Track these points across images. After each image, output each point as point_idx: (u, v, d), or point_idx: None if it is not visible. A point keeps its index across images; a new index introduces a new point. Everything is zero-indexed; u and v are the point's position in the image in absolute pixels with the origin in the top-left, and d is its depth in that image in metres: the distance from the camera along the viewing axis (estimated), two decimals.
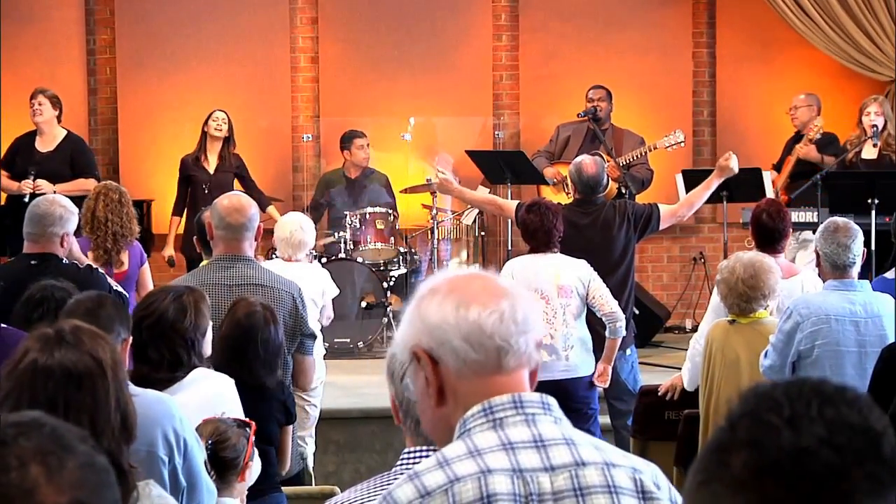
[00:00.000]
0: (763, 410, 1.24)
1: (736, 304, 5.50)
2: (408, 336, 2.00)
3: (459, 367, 1.96)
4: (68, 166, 8.79)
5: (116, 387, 2.61)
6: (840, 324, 5.20)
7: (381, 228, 9.50)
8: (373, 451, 7.36)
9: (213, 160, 9.24)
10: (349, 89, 10.67)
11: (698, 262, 10.72)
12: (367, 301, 9.30)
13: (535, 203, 6.69)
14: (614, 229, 7.11)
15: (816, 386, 1.26)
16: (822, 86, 10.62)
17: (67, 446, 1.35)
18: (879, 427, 1.23)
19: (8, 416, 1.40)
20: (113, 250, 6.71)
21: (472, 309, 1.96)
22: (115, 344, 2.69)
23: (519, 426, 1.95)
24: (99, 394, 2.57)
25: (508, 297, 1.98)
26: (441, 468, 1.92)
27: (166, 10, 10.53)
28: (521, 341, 1.97)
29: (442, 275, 2.06)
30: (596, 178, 7.16)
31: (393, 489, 1.94)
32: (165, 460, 3.36)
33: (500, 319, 1.96)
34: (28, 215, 5.67)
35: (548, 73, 10.70)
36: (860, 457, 1.20)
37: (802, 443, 1.20)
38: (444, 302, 1.97)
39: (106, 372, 2.59)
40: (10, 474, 1.31)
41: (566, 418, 2.01)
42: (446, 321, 1.96)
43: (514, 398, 1.97)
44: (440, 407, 1.99)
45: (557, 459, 1.94)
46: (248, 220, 5.06)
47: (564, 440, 1.97)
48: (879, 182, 8.13)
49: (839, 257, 5.34)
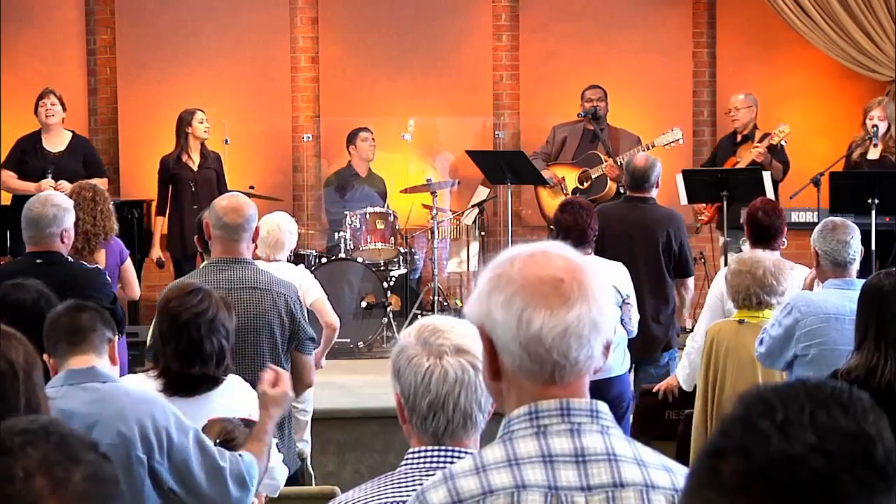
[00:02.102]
0: (756, 415, 1.23)
1: (755, 295, 5.51)
2: (476, 311, 1.96)
3: (514, 369, 1.94)
4: (82, 165, 8.85)
5: (28, 387, 2.61)
6: (839, 322, 5.20)
7: (381, 228, 9.50)
8: (373, 451, 7.36)
9: (196, 158, 9.25)
10: (349, 89, 10.67)
11: (698, 262, 10.71)
12: (367, 301, 9.30)
13: (568, 202, 6.70)
14: (657, 232, 7.19)
15: (812, 389, 1.25)
16: (822, 86, 10.63)
17: (74, 457, 1.34)
18: (873, 432, 1.22)
19: (18, 421, 1.38)
20: (84, 250, 6.62)
21: (537, 318, 1.89)
22: (31, 346, 2.69)
23: (562, 436, 1.91)
24: (8, 394, 2.58)
25: (583, 301, 1.90)
26: (477, 474, 1.89)
27: (166, 11, 10.53)
28: (582, 354, 1.91)
29: (522, 253, 1.96)
30: (643, 171, 7.29)
31: (427, 488, 1.92)
32: (143, 459, 3.35)
33: (564, 334, 1.89)
34: (23, 220, 5.64)
35: (548, 73, 10.69)
36: (850, 463, 1.19)
37: (791, 450, 1.20)
38: (512, 302, 1.91)
39: (17, 372, 2.60)
40: (16, 485, 1.30)
41: (615, 425, 1.96)
42: (509, 326, 1.91)
43: (562, 405, 1.92)
44: (495, 381, 1.98)
45: (596, 479, 1.90)
46: (246, 220, 5.02)
47: (607, 456, 1.92)
48: (880, 182, 8.13)
49: (839, 254, 5.33)
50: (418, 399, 2.39)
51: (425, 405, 2.39)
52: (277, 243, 6.41)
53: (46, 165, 8.72)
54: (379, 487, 2.37)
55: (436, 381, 2.38)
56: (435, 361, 2.39)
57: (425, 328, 2.44)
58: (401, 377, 2.42)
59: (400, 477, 2.38)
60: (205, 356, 3.99)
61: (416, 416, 2.41)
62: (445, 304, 9.58)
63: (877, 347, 4.12)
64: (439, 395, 2.38)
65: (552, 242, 1.99)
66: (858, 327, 4.22)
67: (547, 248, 1.96)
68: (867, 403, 1.24)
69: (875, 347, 4.12)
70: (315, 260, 9.35)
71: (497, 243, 10.55)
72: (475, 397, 2.40)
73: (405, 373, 2.41)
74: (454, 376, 2.39)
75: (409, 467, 2.39)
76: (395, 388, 2.44)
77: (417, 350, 2.41)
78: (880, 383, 4.06)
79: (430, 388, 2.38)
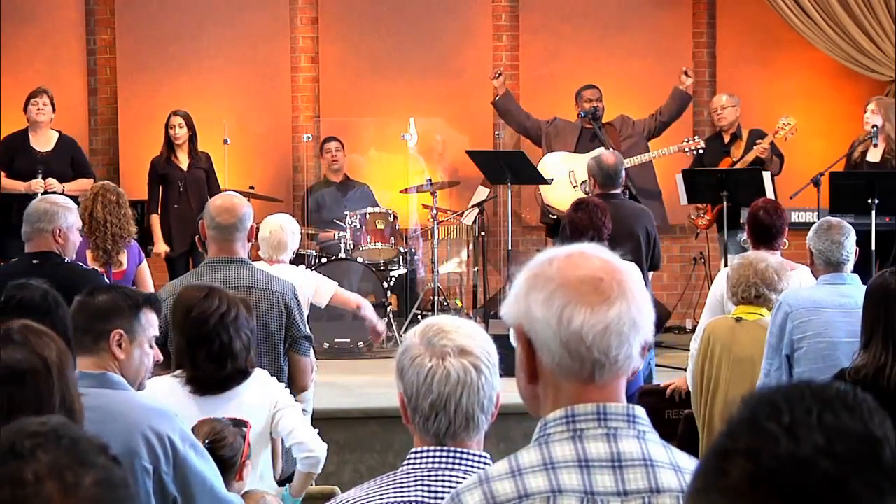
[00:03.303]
0: (763, 417, 1.22)
1: (754, 286, 5.52)
2: (513, 310, 1.96)
3: (553, 368, 1.93)
4: (69, 165, 8.86)
5: (62, 385, 2.61)
6: (831, 314, 5.24)
7: (381, 228, 9.49)
8: (373, 451, 7.35)
9: (183, 158, 9.28)
10: (349, 89, 10.67)
11: (698, 262, 10.71)
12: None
13: (582, 201, 6.70)
14: (636, 229, 7.21)
15: (818, 391, 1.24)
16: (822, 86, 10.63)
17: (85, 461, 1.33)
18: (880, 434, 1.21)
19: (29, 423, 1.37)
20: (112, 251, 6.81)
21: (578, 315, 1.89)
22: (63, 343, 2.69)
23: (599, 441, 1.90)
24: (42, 392, 2.58)
25: (623, 300, 1.91)
26: (513, 478, 1.88)
27: (167, 11, 10.53)
28: (622, 353, 1.91)
29: (559, 254, 1.96)
30: (616, 168, 7.34)
31: (462, 490, 1.91)
32: (150, 469, 3.32)
33: (605, 332, 1.89)
34: (25, 216, 5.66)
35: (548, 73, 10.70)
36: (859, 465, 1.18)
37: (800, 452, 1.19)
38: (552, 300, 1.91)
39: (51, 370, 2.60)
40: (26, 489, 1.30)
41: (651, 430, 1.95)
42: (549, 324, 1.90)
43: (599, 409, 1.92)
44: (531, 384, 1.96)
45: (632, 484, 1.89)
46: (239, 220, 5.01)
47: (643, 461, 1.91)
48: (880, 182, 8.12)
49: (833, 254, 5.41)
50: (420, 399, 2.39)
51: (427, 405, 2.39)
52: (280, 244, 6.39)
53: (35, 164, 8.74)
54: (380, 487, 2.36)
55: (438, 382, 2.38)
56: (437, 362, 2.39)
57: (430, 328, 2.44)
58: (404, 377, 2.42)
59: (401, 477, 2.37)
60: (236, 354, 4.14)
61: (418, 416, 2.41)
62: (445, 304, 9.57)
63: (884, 346, 4.14)
64: (441, 395, 2.38)
65: (588, 244, 1.99)
66: (865, 326, 4.24)
67: (584, 248, 1.97)
68: (872, 405, 1.24)
69: (883, 346, 4.15)
70: (315, 260, 9.36)
71: (497, 243, 10.55)
72: (477, 399, 2.40)
73: (408, 372, 2.41)
74: (456, 377, 2.39)
75: (411, 467, 2.39)
76: (398, 388, 2.44)
77: (421, 350, 2.41)
78: (889, 382, 4.07)
79: (433, 389, 2.38)
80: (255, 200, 9.38)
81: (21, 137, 8.95)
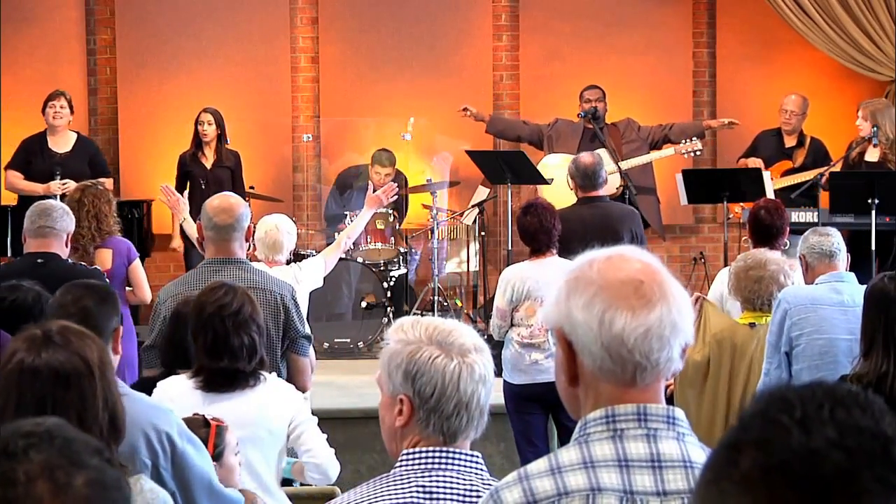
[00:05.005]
0: (775, 411, 1.23)
1: (757, 295, 5.53)
2: (554, 314, 1.97)
3: (594, 371, 1.94)
4: (87, 166, 8.88)
5: (104, 386, 2.61)
6: (828, 311, 5.26)
7: (381, 228, 9.49)
8: (373, 451, 7.35)
9: (210, 156, 9.29)
10: (349, 89, 10.67)
11: (698, 262, 10.71)
12: (367, 301, 9.29)
13: (530, 204, 6.64)
14: (621, 231, 7.15)
15: (830, 389, 1.25)
16: (822, 86, 10.62)
17: (78, 461, 1.33)
18: (891, 432, 1.22)
19: (24, 423, 1.37)
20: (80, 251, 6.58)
21: (619, 318, 1.90)
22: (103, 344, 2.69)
23: (639, 441, 1.91)
24: (86, 393, 2.57)
25: (663, 302, 1.92)
26: (552, 475, 1.89)
27: (166, 11, 10.53)
28: (663, 356, 1.92)
29: (598, 257, 1.97)
30: (594, 168, 7.25)
31: (501, 487, 1.91)
32: (148, 464, 3.33)
33: (646, 335, 1.90)
34: (28, 214, 5.67)
35: (548, 73, 10.69)
36: (870, 460, 1.18)
37: (812, 444, 1.19)
38: (593, 303, 1.91)
39: (93, 371, 2.59)
40: (17, 489, 1.30)
41: (690, 433, 1.96)
42: (590, 327, 1.91)
43: (639, 410, 1.93)
44: (572, 387, 1.97)
45: (672, 484, 1.90)
46: (236, 220, 5.00)
47: (683, 462, 1.92)
48: (879, 182, 8.13)
49: (823, 244, 5.52)
50: (444, 399, 2.34)
51: (452, 405, 2.35)
52: (276, 244, 6.33)
53: (52, 166, 8.75)
54: (375, 490, 2.34)
55: (463, 380, 2.35)
56: (460, 360, 2.35)
57: (434, 329, 2.38)
58: (419, 378, 2.35)
59: (396, 478, 2.35)
60: (233, 350, 4.05)
61: (435, 416, 2.36)
62: (445, 305, 9.57)
63: (885, 353, 4.13)
64: (466, 392, 2.35)
65: (626, 247, 2.00)
66: (865, 333, 4.22)
67: (623, 251, 1.98)
68: (883, 406, 1.25)
69: (884, 354, 4.13)
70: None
71: (497, 243, 10.54)
72: (488, 396, 2.40)
73: (426, 373, 2.34)
74: (479, 373, 2.37)
75: (405, 468, 2.37)
76: (401, 391, 2.38)
77: (436, 351, 2.35)
78: (892, 391, 4.05)
79: (459, 387, 2.35)
80: (254, 200, 9.39)
81: (39, 140, 8.99)
